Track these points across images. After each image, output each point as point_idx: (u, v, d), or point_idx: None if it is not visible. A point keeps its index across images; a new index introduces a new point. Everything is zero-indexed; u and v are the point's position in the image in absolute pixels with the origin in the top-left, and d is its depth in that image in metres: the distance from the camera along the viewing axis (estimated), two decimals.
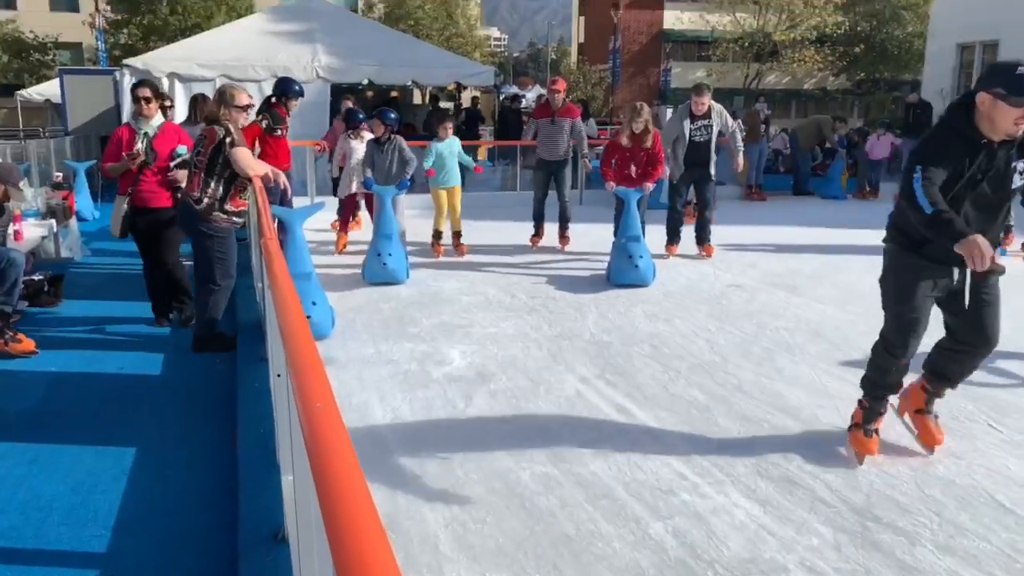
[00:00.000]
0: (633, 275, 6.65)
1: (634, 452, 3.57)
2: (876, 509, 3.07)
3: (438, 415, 4.02)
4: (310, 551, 2.29)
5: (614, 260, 6.82)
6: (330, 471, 1.03)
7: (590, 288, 6.81)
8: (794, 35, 37.10)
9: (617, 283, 6.69)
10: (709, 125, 7.68)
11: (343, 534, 0.92)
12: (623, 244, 6.73)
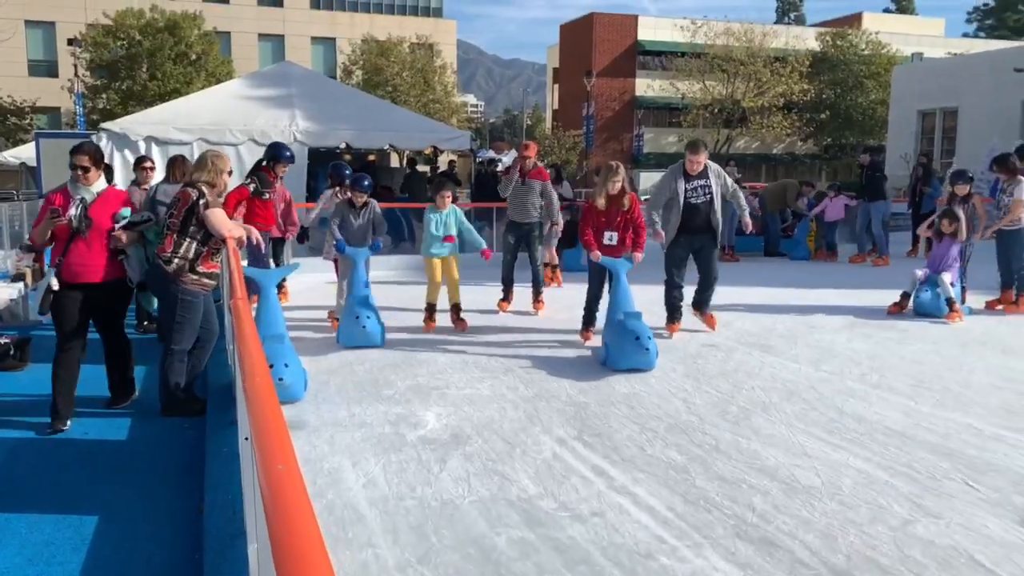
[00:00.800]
0: (641, 359, 5.81)
1: (612, 515, 3.51)
2: (856, 571, 3.03)
3: (412, 479, 3.93)
4: None
5: (614, 342, 5.94)
6: (287, 534, 0.99)
7: (566, 348, 6.79)
8: (762, 102, 38.24)
9: (619, 367, 5.85)
10: (707, 186, 6.90)
11: None
12: (624, 324, 5.90)
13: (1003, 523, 3.42)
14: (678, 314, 7.26)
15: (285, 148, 7.36)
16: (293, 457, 1.24)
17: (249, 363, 1.87)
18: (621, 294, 6.20)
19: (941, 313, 7.86)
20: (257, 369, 1.77)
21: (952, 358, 6.40)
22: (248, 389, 1.66)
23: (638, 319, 5.88)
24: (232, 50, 40.51)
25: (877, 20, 48.05)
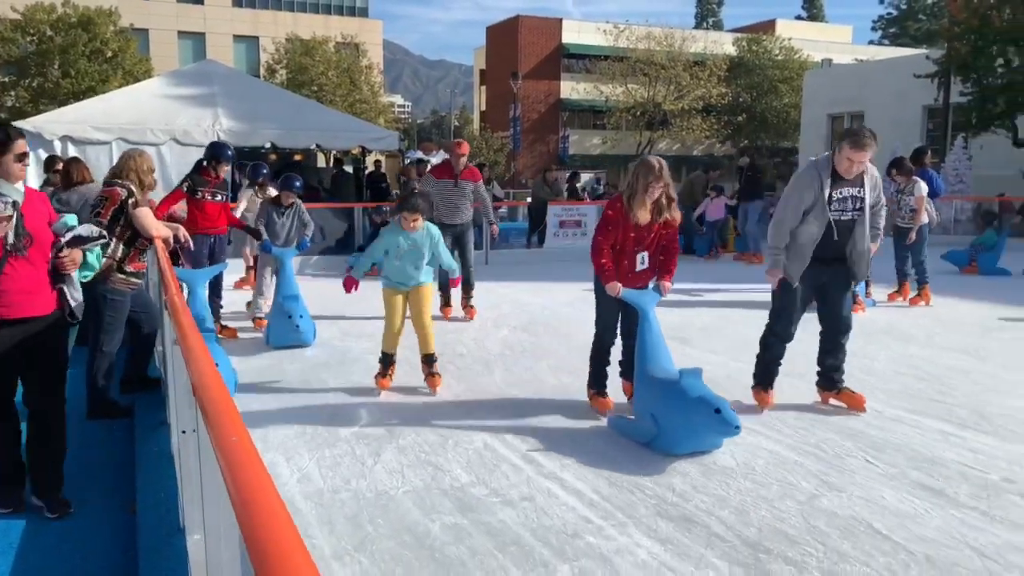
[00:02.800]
0: (721, 437, 4.15)
1: (541, 499, 3.67)
2: (767, 542, 3.26)
3: (346, 472, 4.01)
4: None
5: (675, 417, 4.11)
6: (252, 500, 1.09)
7: (497, 344, 6.94)
8: (682, 105, 39.31)
9: (680, 451, 4.17)
10: (860, 197, 4.75)
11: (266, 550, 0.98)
12: (687, 390, 4.08)
13: (899, 494, 3.72)
14: (773, 377, 5.13)
15: (226, 147, 7.16)
16: (246, 433, 1.34)
17: (190, 351, 1.94)
18: (654, 341, 4.51)
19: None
20: (199, 356, 1.84)
21: (857, 347, 6.80)
22: (194, 375, 1.74)
23: (698, 377, 4.15)
24: (150, 48, 39.28)
25: (789, 27, 49.95)
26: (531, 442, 4.45)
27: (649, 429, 4.23)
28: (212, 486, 2.11)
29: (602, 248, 4.71)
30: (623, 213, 4.67)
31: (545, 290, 10.14)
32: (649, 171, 4.60)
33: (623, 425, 4.58)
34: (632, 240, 4.75)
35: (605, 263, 4.70)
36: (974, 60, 18.17)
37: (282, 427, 4.68)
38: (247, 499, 1.12)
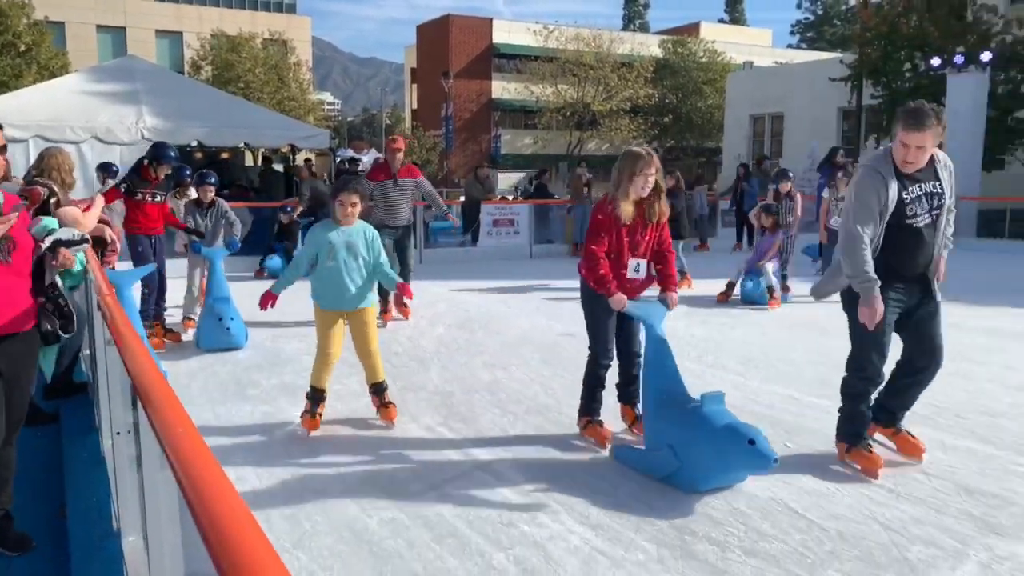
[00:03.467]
0: (752, 469, 3.63)
1: (477, 491, 3.77)
2: (693, 524, 3.43)
3: (282, 473, 4.03)
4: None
5: (700, 449, 3.59)
6: (202, 486, 1.15)
7: (432, 342, 7.00)
8: (610, 105, 39.94)
9: (705, 487, 3.70)
10: (938, 194, 3.84)
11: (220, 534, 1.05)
12: (712, 419, 3.58)
13: (813, 475, 3.95)
14: (865, 428, 4.10)
15: (169, 148, 6.94)
16: (191, 423, 1.39)
17: (127, 348, 1.96)
18: (665, 360, 3.97)
19: (764, 301, 8.68)
20: (138, 351, 1.87)
21: (777, 339, 7.13)
22: (132, 369, 1.77)
23: (721, 402, 3.68)
24: (67, 42, 37.77)
25: (713, 30, 51.28)
26: (467, 437, 4.54)
27: (668, 462, 3.69)
28: (152, 484, 2.13)
29: (598, 258, 4.15)
30: (612, 216, 4.14)
31: (479, 288, 10.24)
32: (635, 159, 4.06)
33: (633, 457, 4.04)
34: (626, 245, 4.21)
35: (605, 274, 4.12)
36: (884, 65, 19.07)
37: (216, 430, 4.65)
38: (201, 490, 1.17)
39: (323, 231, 4.52)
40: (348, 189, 4.48)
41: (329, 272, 4.46)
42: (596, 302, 4.30)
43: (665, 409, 3.88)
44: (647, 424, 4.03)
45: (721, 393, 3.70)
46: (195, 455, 1.28)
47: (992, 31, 18.06)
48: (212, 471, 1.20)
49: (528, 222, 14.21)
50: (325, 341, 4.57)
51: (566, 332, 7.40)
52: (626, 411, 4.65)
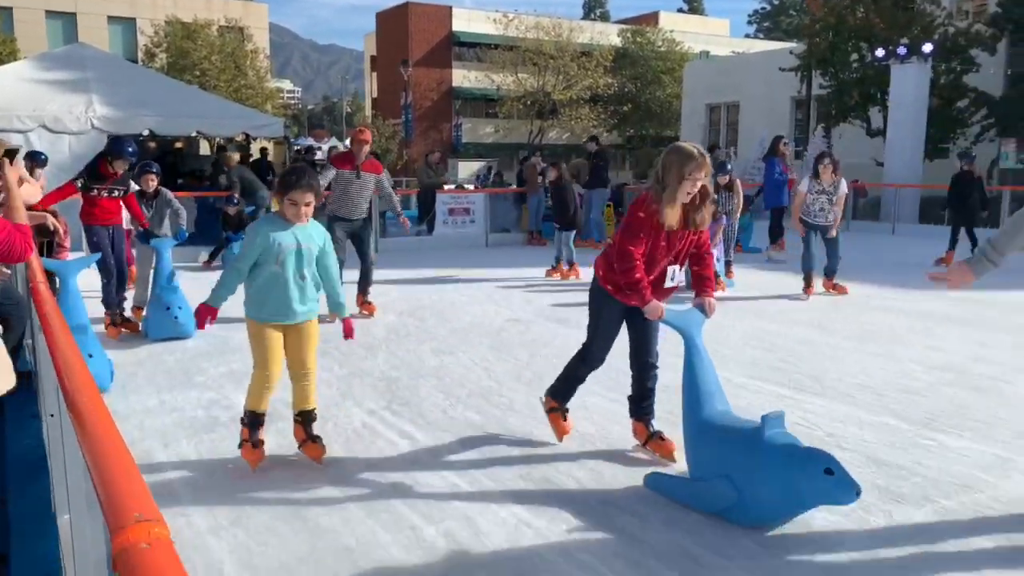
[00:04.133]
0: (822, 497, 3.09)
1: (414, 470, 3.91)
2: (618, 499, 3.62)
3: (225, 455, 4.13)
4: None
5: (755, 474, 3.18)
6: (106, 466, 1.26)
7: (382, 329, 7.11)
8: (570, 94, 40.14)
9: (766, 521, 3.28)
10: None
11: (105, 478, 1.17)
12: (777, 445, 3.17)
13: None
14: None
15: (127, 144, 6.80)
16: (105, 409, 1.51)
17: (51, 332, 2.07)
18: (709, 376, 3.67)
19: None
20: (63, 339, 1.98)
21: (716, 323, 7.36)
22: (53, 350, 1.87)
23: (783, 424, 3.27)
24: (15, 27, 36.75)
25: (672, 19, 51.67)
26: (408, 419, 4.68)
27: (723, 495, 3.27)
28: (75, 463, 2.24)
29: (635, 260, 3.72)
30: (654, 216, 3.73)
31: (433, 276, 10.35)
32: (685, 159, 3.63)
33: (675, 488, 3.59)
34: (663, 249, 3.79)
35: (640, 279, 3.72)
36: (832, 55, 19.52)
37: (160, 415, 4.72)
38: (103, 469, 1.29)
39: (268, 229, 3.74)
40: (301, 186, 3.69)
41: (273, 279, 3.76)
42: (608, 304, 3.97)
43: (715, 432, 3.44)
44: (692, 449, 3.58)
45: (782, 413, 3.27)
46: (105, 437, 1.39)
47: (935, 23, 18.59)
48: (118, 451, 1.31)
49: (484, 211, 14.33)
50: (264, 360, 3.85)
51: (513, 318, 7.57)
52: (639, 428, 4.22)
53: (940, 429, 4.48)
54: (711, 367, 3.69)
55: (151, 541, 0.90)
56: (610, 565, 3.02)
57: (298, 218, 3.75)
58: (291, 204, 3.73)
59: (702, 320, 3.82)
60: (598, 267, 4.08)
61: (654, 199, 3.74)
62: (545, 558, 3.08)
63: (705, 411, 3.54)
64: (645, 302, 3.75)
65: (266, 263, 3.75)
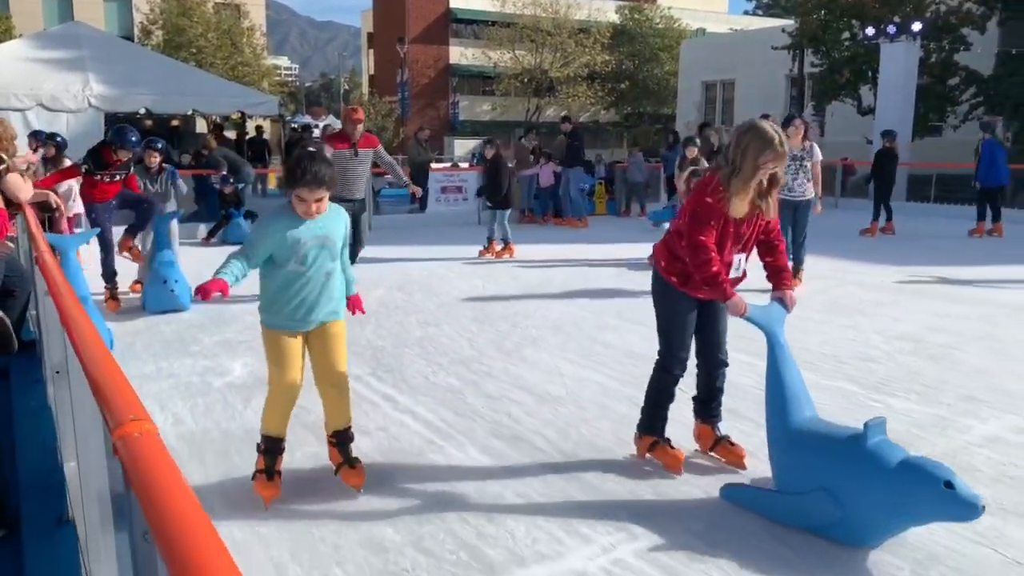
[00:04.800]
0: (940, 513, 2.77)
1: (394, 429, 4.21)
2: (580, 451, 3.92)
3: (218, 417, 4.42)
4: (96, 527, 2.70)
5: (860, 488, 2.90)
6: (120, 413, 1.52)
7: (372, 303, 7.37)
8: (568, 71, 40.16)
9: (871, 542, 3.00)
10: None
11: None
12: (890, 459, 2.86)
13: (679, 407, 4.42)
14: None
15: (130, 133, 6.96)
16: (111, 358, 1.78)
17: (54, 284, 2.34)
18: (795, 377, 3.37)
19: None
20: (67, 294, 2.25)
21: None
22: (61, 308, 2.15)
23: (884, 432, 2.99)
24: (10, 5, 36.71)
25: None
26: (391, 384, 4.97)
27: (824, 511, 2.99)
28: (83, 411, 2.52)
29: (710, 252, 3.38)
30: (722, 202, 3.42)
31: (424, 253, 10.61)
32: (766, 146, 3.29)
33: (763, 502, 3.31)
34: (731, 237, 3.49)
35: (718, 272, 3.38)
36: (823, 33, 19.65)
37: (157, 381, 5.01)
38: (104, 385, 1.56)
39: (283, 226, 3.22)
40: (307, 182, 3.13)
41: (294, 280, 3.24)
42: (675, 301, 3.65)
43: (807, 440, 3.18)
44: (779, 459, 3.30)
45: (883, 420, 2.98)
46: (114, 384, 1.65)
47: (926, 1, 18.70)
48: (127, 396, 1.56)
49: (476, 189, 14.53)
50: (283, 372, 3.32)
51: (499, 292, 7.85)
52: (704, 431, 3.90)
53: (890, 393, 4.78)
54: (796, 367, 3.38)
55: (142, 432, 1.17)
56: (557, 508, 3.32)
57: (309, 215, 3.21)
58: (301, 202, 3.19)
59: (784, 315, 3.51)
60: (658, 257, 3.70)
61: (722, 183, 3.40)
62: (516, 507, 3.38)
63: (794, 416, 3.24)
64: (726, 297, 3.40)
65: (284, 262, 3.22)
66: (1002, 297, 7.57)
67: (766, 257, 3.64)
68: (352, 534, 3.12)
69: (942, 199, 15.21)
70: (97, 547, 2.63)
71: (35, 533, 3.15)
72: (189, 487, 1.09)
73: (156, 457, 1.13)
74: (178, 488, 1.07)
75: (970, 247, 11.21)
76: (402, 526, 3.17)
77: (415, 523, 3.19)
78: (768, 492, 3.34)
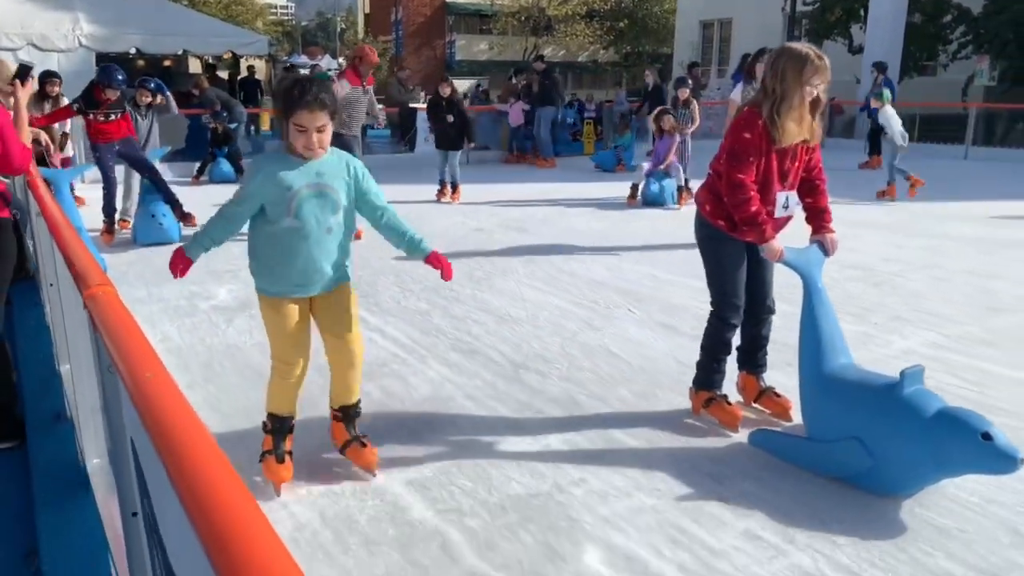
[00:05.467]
0: (976, 466, 2.72)
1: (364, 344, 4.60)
2: (529, 362, 4.32)
3: (203, 334, 4.82)
4: (88, 423, 3.10)
5: (894, 438, 2.85)
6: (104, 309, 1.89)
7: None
8: (566, 10, 39.63)
9: (905, 490, 2.96)
10: None
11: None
12: (892, 395, 2.89)
13: (641, 331, 4.85)
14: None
15: (115, 71, 7.21)
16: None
17: (44, 206, 2.69)
18: (832, 324, 3.29)
19: (664, 202, 9.37)
20: (54, 210, 2.60)
21: (663, 231, 7.99)
22: (53, 228, 2.50)
23: (921, 380, 2.92)
24: None
25: None
26: (364, 307, 5.32)
27: (856, 459, 2.95)
28: (73, 316, 2.90)
29: (749, 191, 3.24)
30: (764, 136, 3.23)
31: (409, 192, 10.87)
32: (804, 61, 3.12)
33: (792, 449, 3.25)
34: (775, 173, 3.32)
35: (757, 211, 3.24)
36: None
37: (147, 304, 5.41)
38: (74, 257, 1.92)
39: (273, 168, 2.78)
40: (307, 103, 2.65)
41: (288, 236, 2.80)
42: (723, 245, 3.48)
43: (841, 388, 3.12)
44: (811, 406, 3.24)
45: (921, 369, 2.90)
46: (73, 240, 2.02)
47: None
48: (110, 297, 1.93)
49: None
50: (285, 346, 3.00)
51: (477, 227, 8.19)
52: (749, 382, 3.79)
53: None
54: (833, 314, 3.29)
55: (104, 292, 1.55)
56: (503, 400, 3.73)
57: (310, 149, 2.73)
58: (298, 130, 2.69)
59: (822, 259, 3.40)
60: (703, 201, 3.54)
61: (762, 115, 3.22)
62: (462, 405, 3.80)
63: (828, 363, 3.17)
64: (764, 239, 3.26)
65: (276, 216, 2.78)
66: (957, 230, 7.91)
67: (806, 198, 3.47)
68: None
69: (925, 138, 15.38)
70: (90, 436, 3.05)
71: (37, 429, 3.58)
72: (142, 333, 1.47)
73: (115, 309, 1.51)
74: (134, 333, 1.45)
75: (938, 183, 11.42)
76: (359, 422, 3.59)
77: (369, 417, 3.61)
78: (798, 439, 3.27)
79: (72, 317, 2.85)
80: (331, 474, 3.15)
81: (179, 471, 0.90)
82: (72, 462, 3.29)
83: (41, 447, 3.47)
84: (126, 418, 1.50)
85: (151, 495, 1.28)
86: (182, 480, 0.88)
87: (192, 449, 0.93)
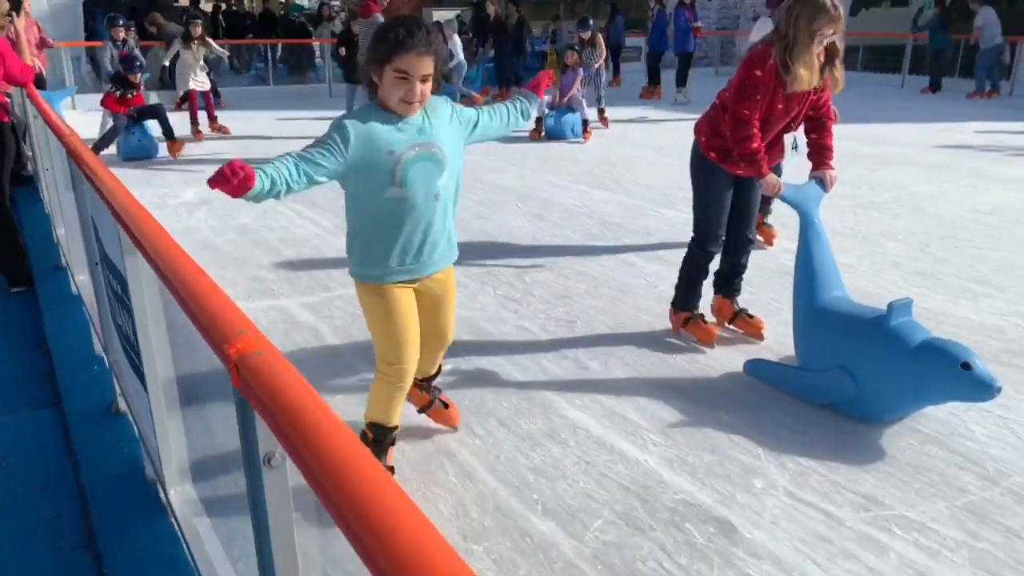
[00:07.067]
0: (955, 393, 2.82)
1: (293, 228, 5.82)
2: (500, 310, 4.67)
3: (168, 223, 5.57)
4: (79, 268, 4.34)
5: (878, 366, 2.96)
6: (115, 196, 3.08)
7: None
8: None
9: (889, 416, 3.10)
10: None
11: None
12: (910, 340, 2.89)
13: (601, 259, 5.20)
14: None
15: (136, 61, 8.30)
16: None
17: (39, 105, 3.89)
18: (826, 258, 3.37)
19: (565, 135, 9.52)
20: (56, 120, 3.80)
21: (620, 155, 9.11)
22: (48, 120, 3.69)
23: (909, 313, 3.01)
24: None
25: None
26: (302, 203, 6.49)
27: (841, 388, 3.07)
28: (62, 178, 4.10)
29: (752, 128, 3.35)
30: (775, 76, 3.31)
31: None
32: (818, 11, 3.19)
33: (783, 377, 3.38)
34: (779, 114, 3.42)
35: (757, 149, 3.36)
36: None
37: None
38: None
39: (369, 128, 2.30)
40: (420, 45, 2.23)
41: (393, 209, 2.38)
42: (712, 175, 3.60)
43: (831, 319, 3.20)
44: (802, 336, 3.36)
45: (909, 301, 2.99)
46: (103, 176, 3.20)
47: None
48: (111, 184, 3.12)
49: None
50: (399, 344, 2.53)
51: None
52: (723, 305, 3.95)
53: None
54: (828, 248, 3.38)
55: (84, 149, 2.77)
56: None
57: (409, 103, 2.29)
58: (399, 78, 2.26)
59: (821, 195, 3.46)
60: (700, 131, 3.65)
61: (775, 57, 3.29)
62: None
63: (820, 295, 3.27)
64: (761, 175, 3.39)
65: (379, 186, 2.33)
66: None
67: (811, 134, 3.56)
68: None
69: (870, 67, 16.12)
70: (80, 273, 4.19)
71: (42, 276, 4.84)
72: (113, 175, 2.68)
73: (88, 159, 2.73)
74: (111, 179, 2.66)
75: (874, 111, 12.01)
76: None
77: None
78: (789, 368, 3.40)
79: (64, 196, 4.04)
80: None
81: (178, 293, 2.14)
82: (67, 292, 4.53)
83: (46, 289, 4.73)
84: (97, 221, 2.72)
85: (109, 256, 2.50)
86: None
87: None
